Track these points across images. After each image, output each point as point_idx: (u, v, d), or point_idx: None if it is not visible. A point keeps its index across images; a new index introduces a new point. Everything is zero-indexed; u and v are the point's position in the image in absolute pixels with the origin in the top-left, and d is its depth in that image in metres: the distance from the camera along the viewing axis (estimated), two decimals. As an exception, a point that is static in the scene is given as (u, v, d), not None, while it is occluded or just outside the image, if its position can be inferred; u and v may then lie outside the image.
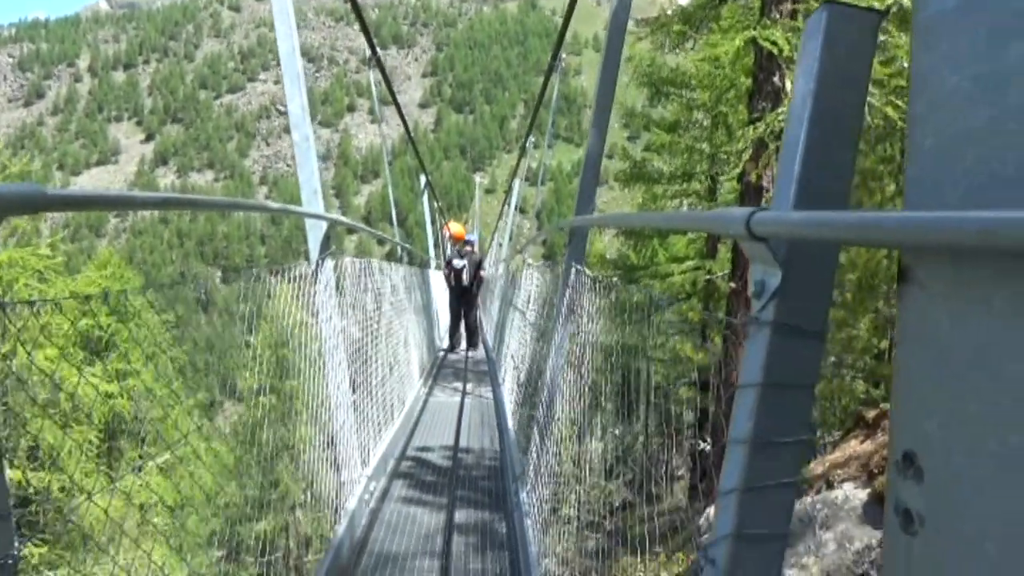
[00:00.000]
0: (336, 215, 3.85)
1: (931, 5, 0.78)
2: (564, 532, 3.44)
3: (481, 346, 12.38)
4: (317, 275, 3.67)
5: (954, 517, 0.74)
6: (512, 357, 6.90)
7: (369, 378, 4.92)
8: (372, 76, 7.61)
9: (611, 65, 3.60)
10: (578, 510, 3.47)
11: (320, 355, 3.69)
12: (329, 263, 3.76)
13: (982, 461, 0.69)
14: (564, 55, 6.37)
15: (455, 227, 19.88)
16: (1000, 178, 0.69)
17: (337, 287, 3.90)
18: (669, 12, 9.58)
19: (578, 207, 3.74)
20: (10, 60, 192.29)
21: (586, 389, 2.88)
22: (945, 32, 0.76)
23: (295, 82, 3.61)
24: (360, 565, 3.62)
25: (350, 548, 3.67)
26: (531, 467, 3.76)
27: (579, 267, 3.26)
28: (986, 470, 0.69)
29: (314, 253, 3.68)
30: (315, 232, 3.69)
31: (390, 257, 8.53)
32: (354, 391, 4.21)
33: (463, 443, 6.05)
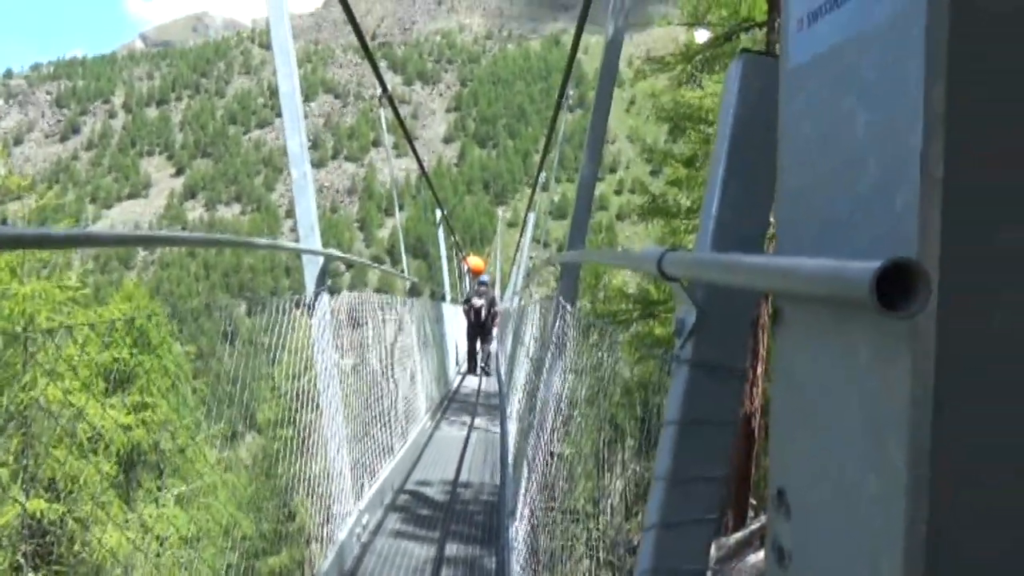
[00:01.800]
0: (332, 250, 3.91)
1: (792, 57, 0.81)
2: (543, 569, 3.42)
3: (494, 374, 12.91)
4: (313, 309, 3.73)
5: (812, 555, 0.75)
6: (517, 391, 6.91)
7: (367, 412, 4.95)
8: (383, 114, 7.78)
9: (602, 103, 3.66)
10: (553, 547, 3.45)
11: (314, 388, 3.74)
12: (325, 297, 3.82)
13: (827, 498, 0.72)
14: (571, 91, 6.47)
15: (474, 260, 20.16)
16: (835, 227, 0.72)
17: (332, 322, 3.96)
18: (687, 48, 9.67)
19: (570, 242, 3.77)
20: (48, 97, 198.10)
21: (561, 425, 2.89)
22: (802, 85, 0.79)
23: (295, 121, 3.72)
24: None
25: (338, 580, 3.68)
26: (519, 503, 3.76)
27: (563, 303, 3.29)
28: (831, 506, 0.71)
29: (310, 287, 3.74)
30: (311, 268, 3.76)
31: (411, 292, 8.63)
32: (350, 425, 4.24)
33: (464, 478, 6.03)
